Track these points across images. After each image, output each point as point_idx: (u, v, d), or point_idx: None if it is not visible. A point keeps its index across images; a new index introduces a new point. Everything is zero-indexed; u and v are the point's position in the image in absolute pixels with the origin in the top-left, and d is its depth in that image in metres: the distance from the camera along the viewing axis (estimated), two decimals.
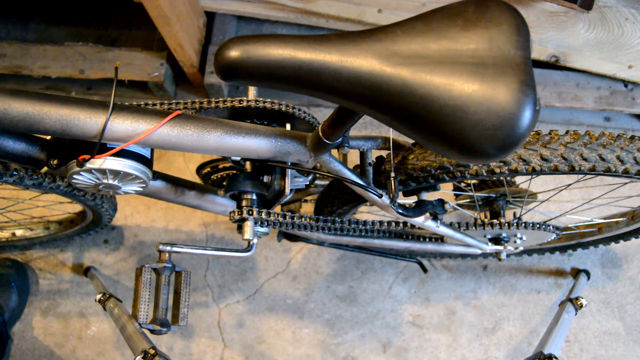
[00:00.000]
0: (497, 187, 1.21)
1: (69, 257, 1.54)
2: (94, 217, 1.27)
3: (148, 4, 1.24)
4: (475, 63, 0.52)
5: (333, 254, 1.55)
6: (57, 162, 0.78)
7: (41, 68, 1.56)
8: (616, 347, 1.47)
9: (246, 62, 0.53)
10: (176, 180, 0.98)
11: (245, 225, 0.87)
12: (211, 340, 1.47)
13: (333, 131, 0.70)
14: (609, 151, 0.82)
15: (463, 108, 0.51)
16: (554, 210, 1.54)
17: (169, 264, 0.88)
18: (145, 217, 1.58)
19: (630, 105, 1.57)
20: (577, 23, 1.39)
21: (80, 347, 1.46)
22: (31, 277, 1.51)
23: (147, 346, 0.88)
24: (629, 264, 1.55)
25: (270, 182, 0.91)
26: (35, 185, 0.93)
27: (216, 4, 1.58)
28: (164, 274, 0.87)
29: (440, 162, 0.86)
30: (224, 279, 1.53)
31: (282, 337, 1.48)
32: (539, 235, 1.14)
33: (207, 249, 0.89)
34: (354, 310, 1.51)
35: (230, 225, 1.58)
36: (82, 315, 1.48)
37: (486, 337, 1.49)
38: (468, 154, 0.54)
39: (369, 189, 0.85)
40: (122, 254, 1.54)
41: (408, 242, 1.17)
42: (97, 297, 1.16)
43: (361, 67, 0.53)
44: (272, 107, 0.84)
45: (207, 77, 1.58)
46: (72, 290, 1.50)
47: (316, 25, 1.59)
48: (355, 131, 1.65)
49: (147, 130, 0.70)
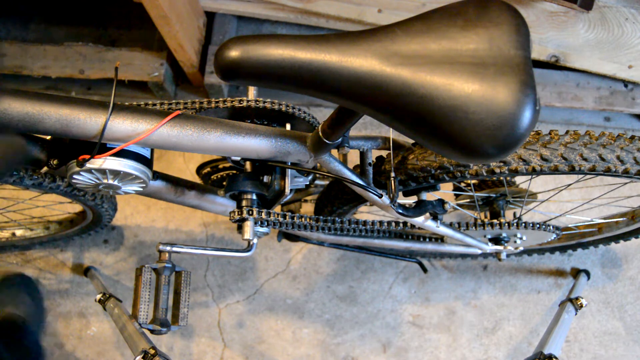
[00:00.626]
0: (497, 187, 1.21)
1: (69, 257, 1.54)
2: (94, 217, 1.27)
3: (148, 4, 1.24)
4: (475, 63, 0.52)
5: (333, 254, 1.55)
6: (57, 162, 0.78)
7: (41, 68, 1.56)
8: (616, 347, 1.47)
9: (246, 62, 0.53)
10: (176, 180, 0.98)
11: (245, 225, 0.87)
12: (211, 340, 1.47)
13: (333, 131, 0.70)
14: (609, 151, 0.82)
15: (463, 108, 0.51)
16: (554, 210, 1.54)
17: (169, 264, 0.88)
18: (145, 217, 1.58)
19: (630, 105, 1.57)
20: (577, 23, 1.39)
21: (80, 347, 1.46)
22: (33, 279, 1.51)
23: (147, 346, 0.88)
24: (629, 264, 1.55)
25: (270, 182, 0.91)
26: (35, 185, 0.93)
27: (216, 4, 1.58)
28: (164, 274, 0.88)
29: (440, 162, 0.86)
30: (224, 279, 1.53)
31: (282, 337, 1.48)
32: (539, 235, 1.14)
33: (207, 249, 0.89)
34: (354, 310, 1.51)
35: (230, 225, 1.58)
36: (82, 315, 1.48)
37: (486, 337, 1.49)
38: (468, 154, 0.54)
39: (369, 189, 0.85)
40: (122, 254, 1.54)
41: (408, 242, 1.17)
42: (97, 297, 1.16)
43: (361, 67, 0.53)
44: (272, 107, 0.84)
45: (207, 77, 1.58)
46: (72, 290, 1.50)
47: (316, 25, 1.59)
48: (355, 131, 1.65)
49: (147, 130, 0.70)
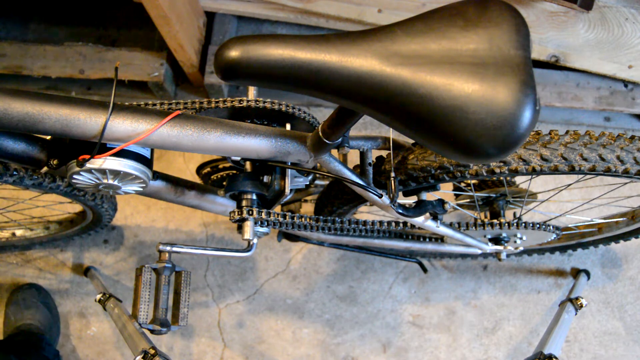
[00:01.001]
0: (497, 187, 1.21)
1: (69, 257, 1.54)
2: (94, 217, 1.27)
3: (148, 4, 1.24)
4: (475, 63, 0.52)
5: (333, 254, 1.55)
6: (57, 162, 0.78)
7: (41, 68, 1.56)
8: (616, 347, 1.47)
9: (246, 62, 0.53)
10: (176, 180, 0.98)
11: (245, 225, 0.87)
12: (211, 340, 1.47)
13: (333, 131, 0.70)
14: (609, 151, 0.82)
15: (463, 108, 0.51)
16: (554, 210, 1.54)
17: (169, 264, 0.88)
18: (145, 217, 1.58)
19: (630, 105, 1.57)
20: (577, 23, 1.39)
21: (80, 347, 1.46)
22: (33, 279, 1.51)
23: (147, 346, 0.88)
24: (629, 264, 1.55)
25: (270, 182, 0.91)
26: (36, 185, 0.93)
27: (216, 4, 1.58)
28: (164, 274, 0.87)
29: (440, 162, 0.86)
30: (224, 279, 1.53)
31: (282, 337, 1.48)
32: (539, 235, 1.14)
33: (208, 249, 0.89)
34: (354, 310, 1.51)
35: (230, 225, 1.58)
36: (82, 315, 1.48)
37: (486, 337, 1.49)
38: (468, 154, 0.54)
39: (369, 189, 0.85)
40: (122, 254, 1.54)
41: (408, 242, 1.17)
42: (97, 297, 1.16)
43: (361, 67, 0.53)
44: (272, 107, 0.84)
45: (207, 77, 1.58)
46: (72, 290, 1.50)
47: (316, 25, 1.59)
48: (355, 131, 1.65)
49: (147, 130, 0.70)
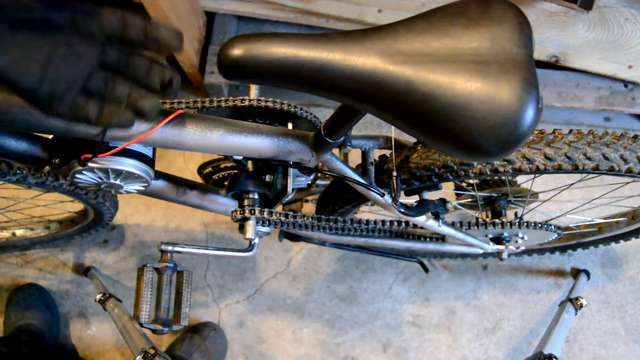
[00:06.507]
0: (498, 186, 1.21)
1: (69, 257, 1.54)
2: (96, 215, 1.27)
3: (148, 4, 1.24)
4: (478, 61, 0.52)
5: (333, 254, 1.55)
6: (60, 161, 0.78)
7: None
8: (616, 347, 1.47)
9: (249, 60, 0.53)
10: (178, 179, 0.98)
11: (247, 225, 0.87)
12: None
13: (335, 130, 0.70)
14: (613, 150, 0.82)
15: (466, 106, 0.51)
16: (555, 210, 1.54)
17: (171, 263, 0.87)
18: (146, 216, 1.58)
19: (630, 105, 1.57)
20: (577, 23, 1.39)
21: (80, 347, 1.45)
22: (33, 279, 1.51)
23: (147, 346, 0.88)
24: (629, 264, 1.55)
25: (272, 181, 0.91)
26: (38, 184, 0.93)
27: (216, 4, 1.58)
28: (166, 273, 0.87)
29: (444, 161, 0.85)
30: (224, 278, 1.52)
31: (282, 337, 1.48)
32: (541, 234, 1.14)
33: (210, 248, 0.89)
34: (354, 310, 1.51)
35: (230, 224, 1.58)
36: (82, 315, 1.48)
37: (486, 337, 1.49)
38: (471, 152, 0.54)
39: (371, 188, 0.85)
40: (122, 253, 1.54)
41: (409, 241, 1.17)
42: (97, 297, 1.16)
43: (364, 65, 0.53)
44: (274, 106, 0.84)
45: (207, 77, 1.58)
46: (72, 290, 1.50)
47: (316, 26, 1.59)
48: (356, 131, 1.65)
49: (149, 129, 0.70)
